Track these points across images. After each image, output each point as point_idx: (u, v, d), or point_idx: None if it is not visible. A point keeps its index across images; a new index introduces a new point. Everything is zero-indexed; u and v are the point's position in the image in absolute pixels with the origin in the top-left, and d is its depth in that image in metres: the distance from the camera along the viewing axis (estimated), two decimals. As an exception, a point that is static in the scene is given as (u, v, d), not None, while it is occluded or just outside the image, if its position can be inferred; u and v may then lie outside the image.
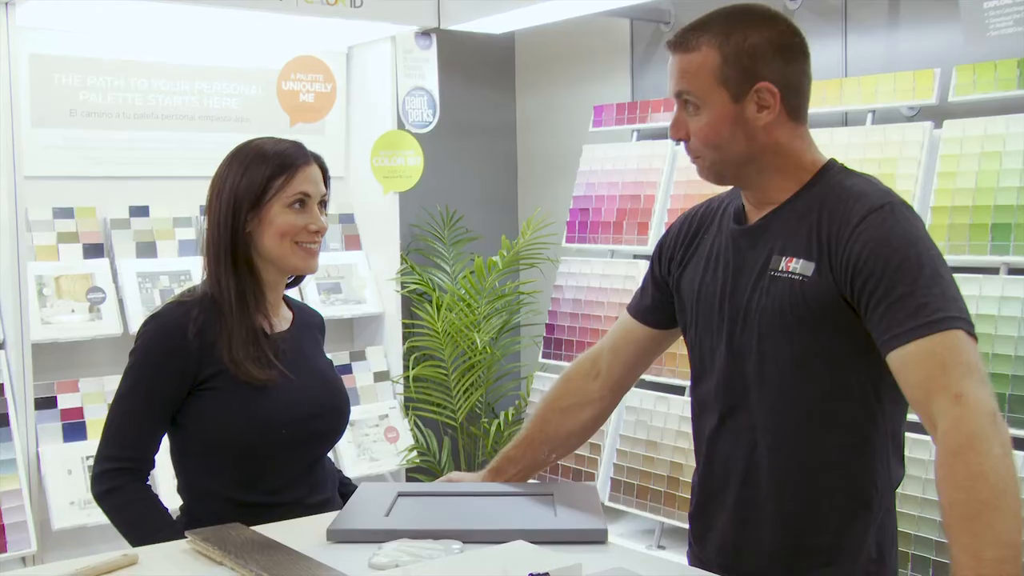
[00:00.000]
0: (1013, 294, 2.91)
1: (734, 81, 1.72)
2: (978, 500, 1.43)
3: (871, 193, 1.70)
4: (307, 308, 2.36)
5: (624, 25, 4.51)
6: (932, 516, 2.87)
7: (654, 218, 3.99)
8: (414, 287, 4.50)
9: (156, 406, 2.06)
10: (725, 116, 1.74)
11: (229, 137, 4.24)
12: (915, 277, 1.59)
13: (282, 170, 2.09)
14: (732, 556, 1.79)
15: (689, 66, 1.74)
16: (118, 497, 2.05)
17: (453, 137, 4.80)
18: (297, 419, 2.08)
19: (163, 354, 2.05)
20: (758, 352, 1.75)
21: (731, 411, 1.80)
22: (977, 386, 1.51)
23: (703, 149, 1.77)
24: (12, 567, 3.36)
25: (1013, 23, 2.92)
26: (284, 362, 2.10)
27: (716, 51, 1.73)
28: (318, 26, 4.08)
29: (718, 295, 1.83)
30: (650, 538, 3.77)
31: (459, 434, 4.48)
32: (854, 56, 3.65)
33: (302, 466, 2.12)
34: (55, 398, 3.70)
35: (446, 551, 1.62)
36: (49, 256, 3.80)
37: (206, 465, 2.09)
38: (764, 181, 1.78)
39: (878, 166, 3.28)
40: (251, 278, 2.12)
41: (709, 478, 1.87)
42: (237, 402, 2.04)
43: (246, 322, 2.08)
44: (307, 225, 2.10)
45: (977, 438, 1.46)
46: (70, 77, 3.91)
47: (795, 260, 1.71)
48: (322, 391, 2.17)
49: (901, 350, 1.57)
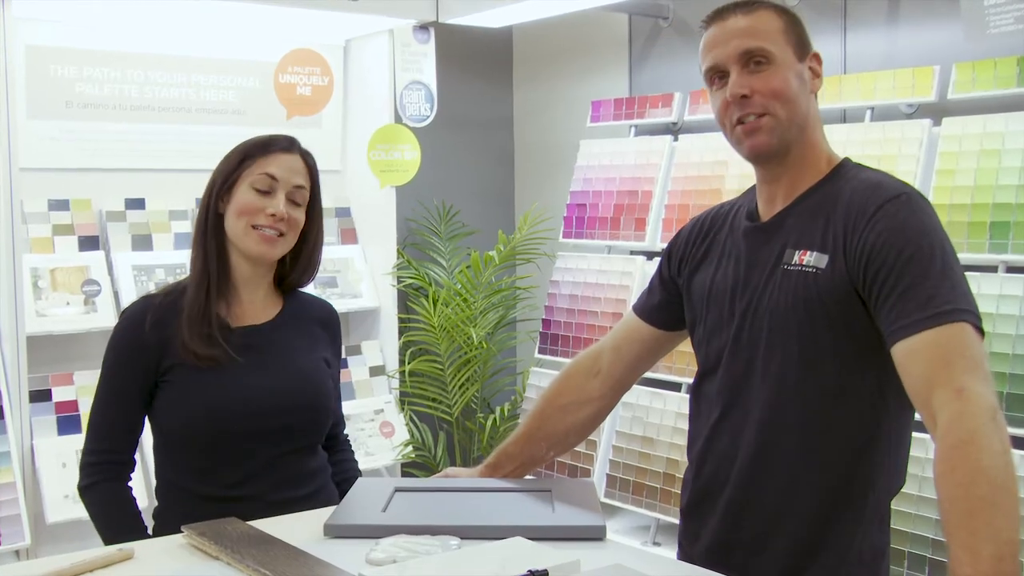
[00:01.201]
0: (1011, 292, 2.91)
1: (796, 43, 1.79)
2: (977, 497, 1.42)
3: (887, 184, 1.72)
4: (314, 301, 2.32)
5: (622, 20, 4.52)
6: (928, 514, 2.88)
7: (651, 214, 3.99)
8: (410, 281, 4.51)
9: (124, 400, 2.09)
10: (795, 71, 1.78)
11: (226, 130, 4.34)
12: (926, 268, 1.60)
13: (255, 152, 2.10)
14: (723, 554, 1.80)
15: (758, 23, 1.78)
16: (93, 494, 2.09)
17: (450, 131, 4.82)
18: (252, 413, 2.06)
19: (123, 349, 2.09)
20: (767, 347, 1.76)
21: (732, 407, 1.81)
22: (980, 382, 1.51)
23: (774, 103, 1.76)
24: (6, 560, 3.36)
25: (1013, 20, 2.93)
26: (243, 354, 2.09)
27: (777, 16, 1.80)
28: (316, 19, 4.10)
29: (729, 292, 1.83)
30: (645, 534, 3.78)
31: (454, 429, 4.49)
32: (853, 53, 3.66)
33: (263, 461, 2.09)
34: (50, 391, 3.70)
35: (443, 547, 1.62)
36: (44, 248, 3.81)
37: (168, 457, 2.12)
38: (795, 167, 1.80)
39: (877, 163, 3.19)
40: (220, 263, 2.12)
41: (704, 476, 1.87)
42: (190, 394, 2.05)
43: (201, 303, 2.08)
44: (265, 208, 2.07)
45: (977, 434, 1.46)
46: (66, 69, 3.91)
47: (809, 253, 1.73)
48: (289, 386, 2.13)
49: (907, 341, 1.57)
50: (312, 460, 2.19)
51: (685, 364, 3.66)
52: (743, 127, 1.78)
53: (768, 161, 1.80)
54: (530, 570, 1.44)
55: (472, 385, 4.44)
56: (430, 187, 4.74)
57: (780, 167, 1.80)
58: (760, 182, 1.87)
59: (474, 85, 5.01)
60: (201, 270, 2.11)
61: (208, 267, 2.11)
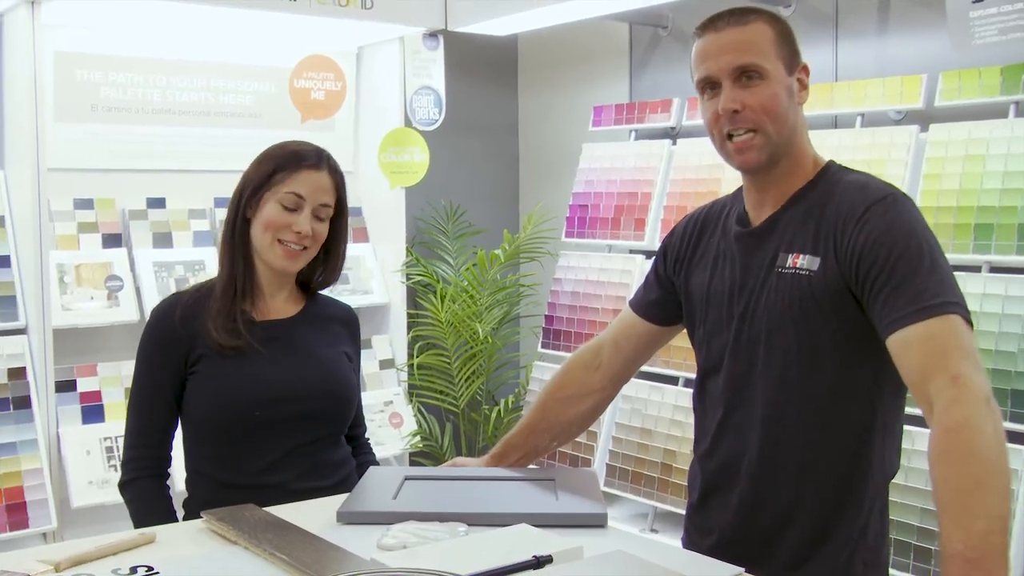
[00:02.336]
0: (994, 291, 2.94)
1: (787, 56, 1.78)
2: (971, 476, 1.44)
3: (873, 185, 1.74)
4: (334, 302, 2.34)
5: (623, 29, 4.51)
6: (913, 503, 2.91)
7: (650, 214, 4.01)
8: (419, 278, 4.52)
9: (158, 395, 2.13)
10: (784, 87, 1.77)
11: (243, 132, 4.38)
12: (915, 265, 1.62)
13: (286, 166, 2.11)
14: (735, 547, 1.80)
15: (752, 36, 1.76)
16: (130, 491, 2.15)
17: (458, 135, 4.82)
18: (273, 400, 2.09)
19: (155, 344, 2.14)
20: (766, 346, 1.78)
21: (736, 406, 1.83)
22: (974, 369, 1.53)
23: (764, 119, 1.76)
24: (34, 543, 3.41)
25: (997, 32, 2.94)
26: (268, 345, 2.12)
27: (769, 27, 1.78)
28: (330, 26, 4.11)
29: (727, 295, 1.85)
30: (643, 522, 3.79)
31: (461, 420, 4.50)
32: (845, 61, 3.67)
33: (284, 449, 2.11)
34: (75, 381, 3.75)
35: (452, 533, 1.62)
36: (70, 245, 3.85)
37: (195, 446, 2.16)
38: (783, 176, 1.81)
39: (867, 167, 3.08)
40: (246, 265, 2.15)
41: (712, 472, 1.89)
42: (215, 383, 2.09)
43: (228, 300, 2.12)
44: (291, 224, 2.10)
45: (973, 417, 1.48)
46: (92, 73, 3.95)
47: (801, 256, 1.74)
48: (311, 374, 2.15)
49: (901, 332, 1.59)
50: (336, 451, 2.21)
51: (682, 359, 3.66)
52: (734, 144, 1.78)
53: (757, 173, 1.82)
54: (535, 556, 1.44)
55: (478, 378, 4.45)
56: (438, 188, 4.75)
57: (769, 177, 1.82)
58: (748, 188, 1.88)
59: (481, 90, 5.01)
60: (228, 271, 2.15)
61: (235, 270, 2.14)
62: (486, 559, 1.45)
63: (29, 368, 3.58)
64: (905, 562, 2.93)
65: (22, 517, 3.42)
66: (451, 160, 4.86)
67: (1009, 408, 2.85)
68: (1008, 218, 2.98)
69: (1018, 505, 2.80)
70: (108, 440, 3.70)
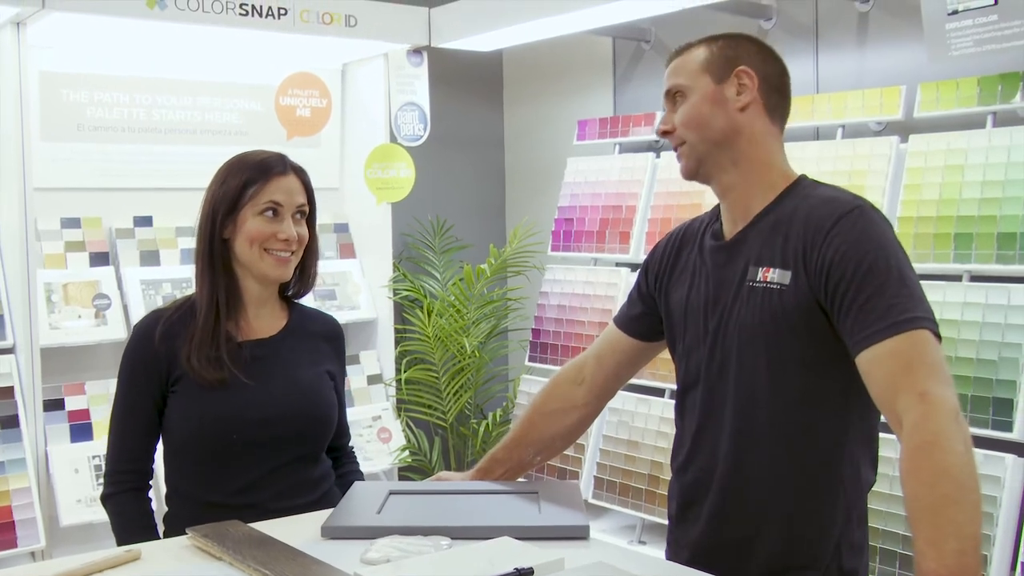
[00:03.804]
0: (974, 300, 2.95)
1: (716, 66, 1.83)
2: (942, 495, 1.44)
3: (841, 198, 1.74)
4: (318, 316, 2.34)
5: (606, 43, 4.55)
6: (898, 511, 2.91)
7: (635, 228, 4.03)
8: (406, 293, 4.53)
9: (139, 410, 2.12)
10: (706, 97, 1.82)
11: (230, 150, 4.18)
12: (883, 280, 1.62)
13: (256, 178, 2.10)
14: (709, 559, 1.80)
15: (683, 62, 1.86)
16: (112, 504, 2.14)
17: (443, 150, 4.84)
18: (252, 422, 2.08)
19: (135, 361, 2.13)
20: (737, 361, 1.78)
21: (709, 419, 1.84)
22: (941, 385, 1.53)
23: (685, 132, 1.83)
24: (22, 561, 3.39)
25: (973, 44, 2.97)
26: (250, 367, 2.11)
27: (704, 48, 1.86)
28: (314, 44, 4.13)
29: (702, 310, 1.86)
30: (631, 534, 3.80)
31: (449, 434, 4.51)
32: (825, 74, 3.70)
33: (263, 470, 2.10)
34: (63, 400, 3.75)
35: (435, 547, 1.64)
36: (57, 264, 3.85)
37: (176, 465, 2.16)
38: (740, 183, 1.83)
39: (848, 178, 3.30)
40: (228, 284, 2.13)
41: (687, 485, 1.90)
42: (194, 404, 2.08)
43: (211, 325, 2.10)
44: (276, 233, 2.10)
45: (941, 435, 1.48)
46: (78, 93, 3.96)
47: (772, 270, 1.75)
48: (291, 399, 2.13)
49: (870, 350, 1.60)
50: (314, 469, 2.20)
51: (668, 371, 3.54)
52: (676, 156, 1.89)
53: (705, 180, 1.88)
54: (516, 568, 1.45)
55: (465, 392, 4.46)
56: (424, 203, 4.76)
57: (719, 184, 1.86)
58: (721, 203, 1.91)
59: (466, 106, 5.03)
60: (209, 296, 2.12)
61: (216, 294, 2.12)
62: (468, 572, 1.46)
63: (17, 387, 3.58)
64: (891, 571, 2.95)
65: (10, 536, 3.41)
66: (437, 175, 4.88)
67: (991, 416, 2.86)
68: (987, 227, 3.00)
69: (1001, 511, 2.82)
70: (96, 458, 3.69)
